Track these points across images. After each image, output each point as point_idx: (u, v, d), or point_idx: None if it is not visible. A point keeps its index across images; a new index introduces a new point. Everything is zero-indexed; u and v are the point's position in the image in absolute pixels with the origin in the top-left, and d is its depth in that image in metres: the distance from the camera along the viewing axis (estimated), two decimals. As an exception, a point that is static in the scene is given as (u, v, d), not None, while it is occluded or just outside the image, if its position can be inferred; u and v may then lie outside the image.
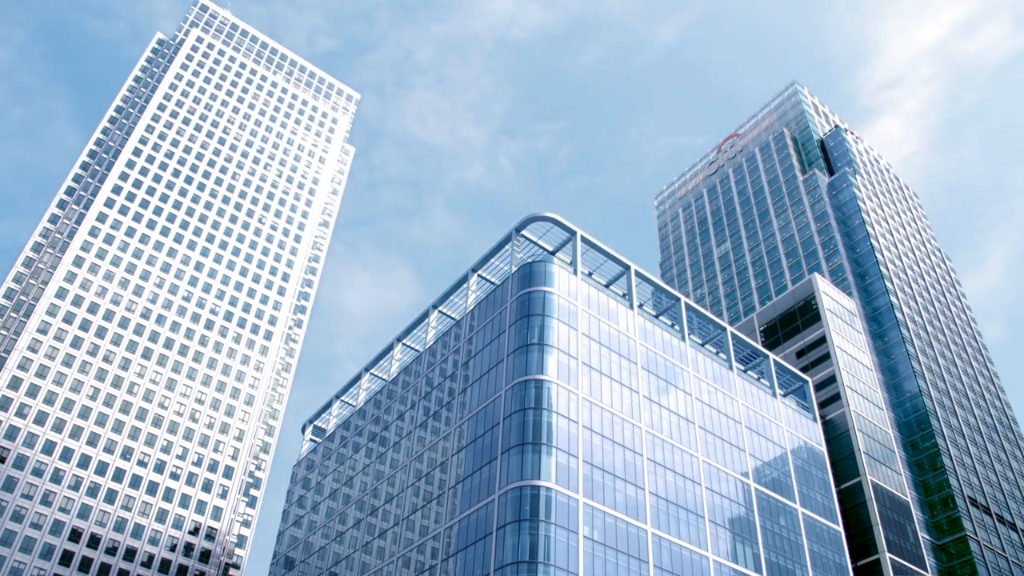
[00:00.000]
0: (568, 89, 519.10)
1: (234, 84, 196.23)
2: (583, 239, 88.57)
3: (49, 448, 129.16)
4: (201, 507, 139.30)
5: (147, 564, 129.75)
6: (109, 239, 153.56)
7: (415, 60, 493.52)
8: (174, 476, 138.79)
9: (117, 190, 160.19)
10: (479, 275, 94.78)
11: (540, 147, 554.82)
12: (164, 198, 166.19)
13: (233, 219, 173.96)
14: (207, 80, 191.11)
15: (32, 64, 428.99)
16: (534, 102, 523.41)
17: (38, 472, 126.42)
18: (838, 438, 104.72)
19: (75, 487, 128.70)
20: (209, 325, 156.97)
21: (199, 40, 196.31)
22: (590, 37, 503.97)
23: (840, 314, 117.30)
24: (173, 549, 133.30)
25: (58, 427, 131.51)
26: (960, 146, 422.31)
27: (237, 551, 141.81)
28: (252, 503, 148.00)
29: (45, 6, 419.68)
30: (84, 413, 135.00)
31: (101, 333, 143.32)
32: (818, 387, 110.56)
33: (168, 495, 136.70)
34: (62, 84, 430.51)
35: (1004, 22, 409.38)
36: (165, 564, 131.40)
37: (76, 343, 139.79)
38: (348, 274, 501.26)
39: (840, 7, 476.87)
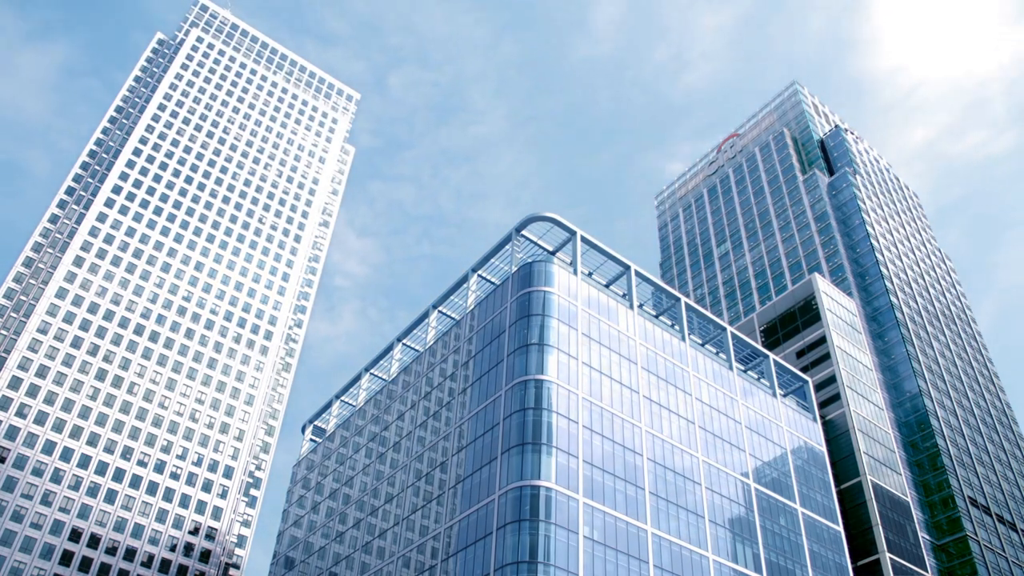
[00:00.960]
0: (592, 176, 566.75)
1: (234, 84, 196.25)
2: (583, 239, 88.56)
3: (49, 448, 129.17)
4: (201, 507, 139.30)
5: (147, 564, 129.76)
6: (109, 239, 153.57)
7: (451, 154, 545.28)
8: (174, 476, 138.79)
9: (117, 190, 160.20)
10: (479, 275, 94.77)
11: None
12: (164, 198, 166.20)
13: (233, 219, 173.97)
14: (207, 80, 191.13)
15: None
16: (559, 190, 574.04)
17: (38, 472, 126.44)
18: (838, 438, 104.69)
19: (75, 487, 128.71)
20: (209, 325, 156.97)
21: (199, 40, 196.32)
22: (611, 135, 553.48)
23: (840, 314, 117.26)
24: (173, 549, 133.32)
25: (58, 427, 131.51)
26: (945, 231, 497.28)
27: (237, 551, 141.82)
28: (252, 503, 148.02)
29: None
30: (84, 413, 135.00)
31: (101, 333, 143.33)
32: (818, 387, 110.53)
33: (168, 495, 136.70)
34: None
35: (985, 129, 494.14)
36: (165, 564, 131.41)
37: (76, 343, 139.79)
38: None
39: (838, 112, 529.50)
